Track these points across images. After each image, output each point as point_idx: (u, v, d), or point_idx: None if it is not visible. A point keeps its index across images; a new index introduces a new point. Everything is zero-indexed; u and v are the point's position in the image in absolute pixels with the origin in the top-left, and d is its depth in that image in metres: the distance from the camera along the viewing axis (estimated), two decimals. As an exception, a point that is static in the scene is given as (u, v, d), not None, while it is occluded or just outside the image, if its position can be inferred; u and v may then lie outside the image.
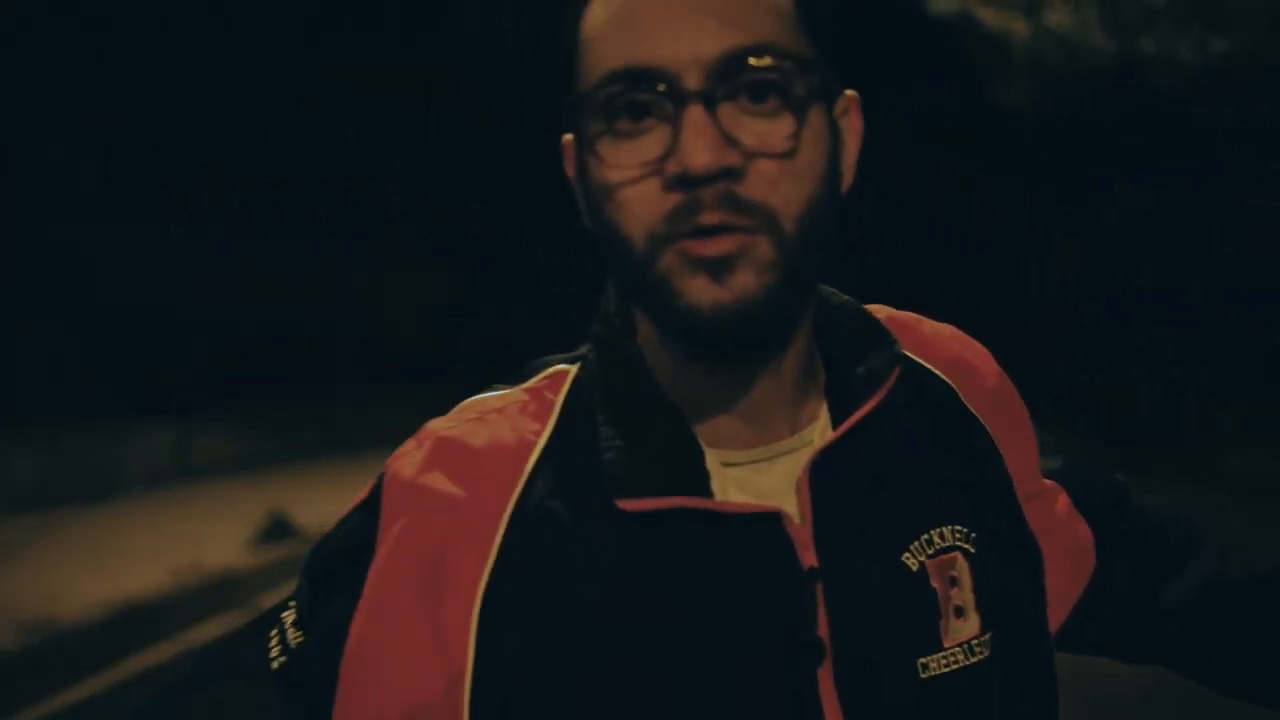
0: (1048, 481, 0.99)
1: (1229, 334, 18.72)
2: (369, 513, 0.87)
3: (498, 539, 0.82)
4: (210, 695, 0.97)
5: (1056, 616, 0.97)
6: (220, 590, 7.48)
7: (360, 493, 0.91)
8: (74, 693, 5.62)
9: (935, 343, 0.96)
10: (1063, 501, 0.99)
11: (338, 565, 0.87)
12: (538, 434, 0.86)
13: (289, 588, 1.05)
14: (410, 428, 0.95)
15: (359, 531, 0.87)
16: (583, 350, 0.91)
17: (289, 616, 0.90)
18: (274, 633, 0.90)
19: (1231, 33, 9.52)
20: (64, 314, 14.95)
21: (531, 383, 0.92)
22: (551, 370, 0.92)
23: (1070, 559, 0.98)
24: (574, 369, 0.91)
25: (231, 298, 17.56)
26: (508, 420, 0.88)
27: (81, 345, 14.79)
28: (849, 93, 0.85)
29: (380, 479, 0.88)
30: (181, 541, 8.41)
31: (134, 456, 12.61)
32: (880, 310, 0.97)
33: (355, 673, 0.83)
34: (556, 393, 0.89)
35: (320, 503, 10.16)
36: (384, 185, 22.62)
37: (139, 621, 6.69)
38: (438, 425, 0.90)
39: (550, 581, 0.81)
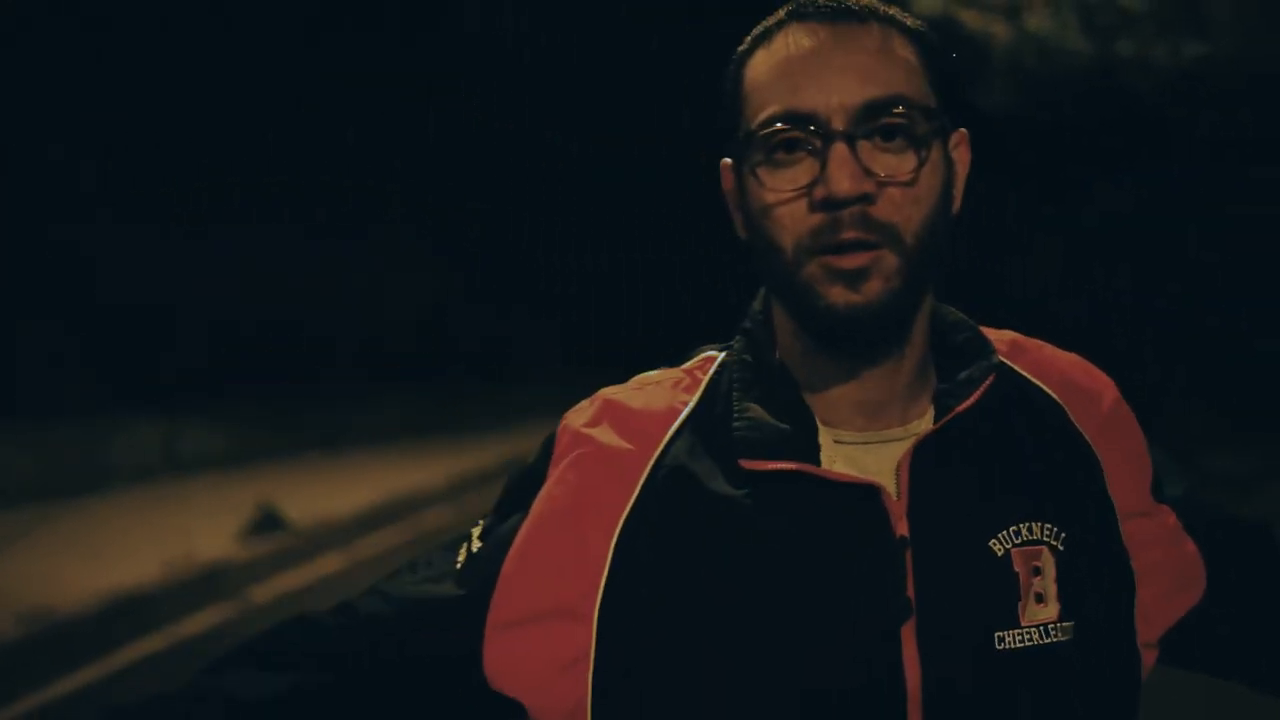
0: (1160, 504, 1.08)
1: (1206, 336, 18.92)
2: (545, 453, 1.05)
3: (640, 482, 1.00)
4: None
5: (1157, 627, 1.06)
6: (211, 582, 7.62)
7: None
8: (71, 681, 5.79)
9: (1052, 366, 1.09)
10: (1171, 521, 1.07)
11: (515, 491, 1.06)
12: (685, 403, 1.04)
13: (280, 580, 1.20)
14: (400, 425, 1.12)
15: (535, 467, 1.05)
16: (733, 342, 1.08)
17: (475, 531, 1.07)
18: (463, 545, 1.07)
19: (1207, 38, 9.69)
20: (61, 312, 15.04)
21: (688, 364, 1.09)
22: (704, 355, 1.09)
23: (1172, 575, 1.06)
24: (722, 355, 1.08)
25: (224, 296, 17.59)
26: (663, 390, 1.06)
27: (78, 342, 14.91)
28: (961, 130, 1.02)
29: (557, 428, 1.06)
30: (173, 534, 8.55)
31: (126, 451, 12.73)
32: (1005, 334, 1.11)
33: (514, 572, 1.01)
34: (705, 372, 1.07)
35: (309, 498, 10.35)
36: (383, 185, 22.63)
37: (133, 612, 6.85)
38: (608, 390, 1.07)
39: (677, 522, 0.98)
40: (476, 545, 1.05)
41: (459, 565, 1.05)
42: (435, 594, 1.04)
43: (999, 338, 1.10)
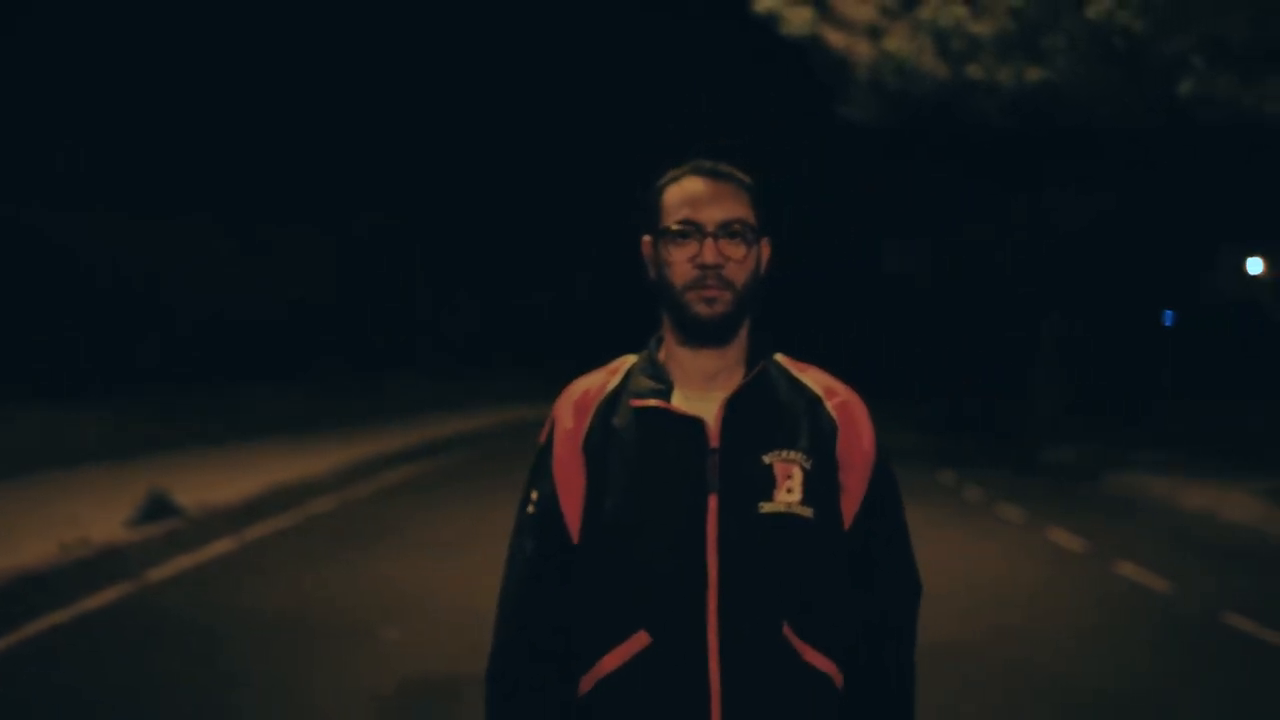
0: (867, 452, 1.88)
1: (1044, 345, 20.25)
2: (549, 422, 1.91)
3: (590, 416, 1.86)
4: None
5: (849, 520, 1.87)
6: (109, 563, 7.85)
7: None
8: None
9: (818, 377, 1.93)
10: (869, 462, 1.88)
11: (540, 450, 1.91)
12: (613, 376, 1.91)
13: (174, 561, 1.73)
14: (282, 418, 1.68)
15: (545, 429, 1.91)
16: (644, 351, 1.93)
17: (532, 495, 1.90)
18: (524, 505, 1.90)
19: (1045, 64, 10.56)
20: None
21: (614, 363, 1.95)
22: (624, 357, 1.96)
23: (859, 494, 1.88)
24: (634, 357, 1.94)
25: (116, 288, 17.48)
26: (602, 374, 1.93)
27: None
28: (765, 237, 1.86)
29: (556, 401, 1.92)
30: (67, 520, 8.72)
31: (11, 441, 12.72)
32: (803, 365, 1.95)
33: (559, 478, 1.86)
34: (624, 365, 1.93)
35: (198, 487, 10.58)
36: (276, 185, 22.53)
37: (36, 590, 7.08)
38: (579, 378, 1.94)
39: (607, 432, 1.84)
40: (534, 496, 1.89)
41: (530, 510, 1.89)
42: (534, 529, 1.89)
43: (797, 364, 1.95)
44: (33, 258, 15.82)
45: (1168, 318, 22.71)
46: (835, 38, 12.17)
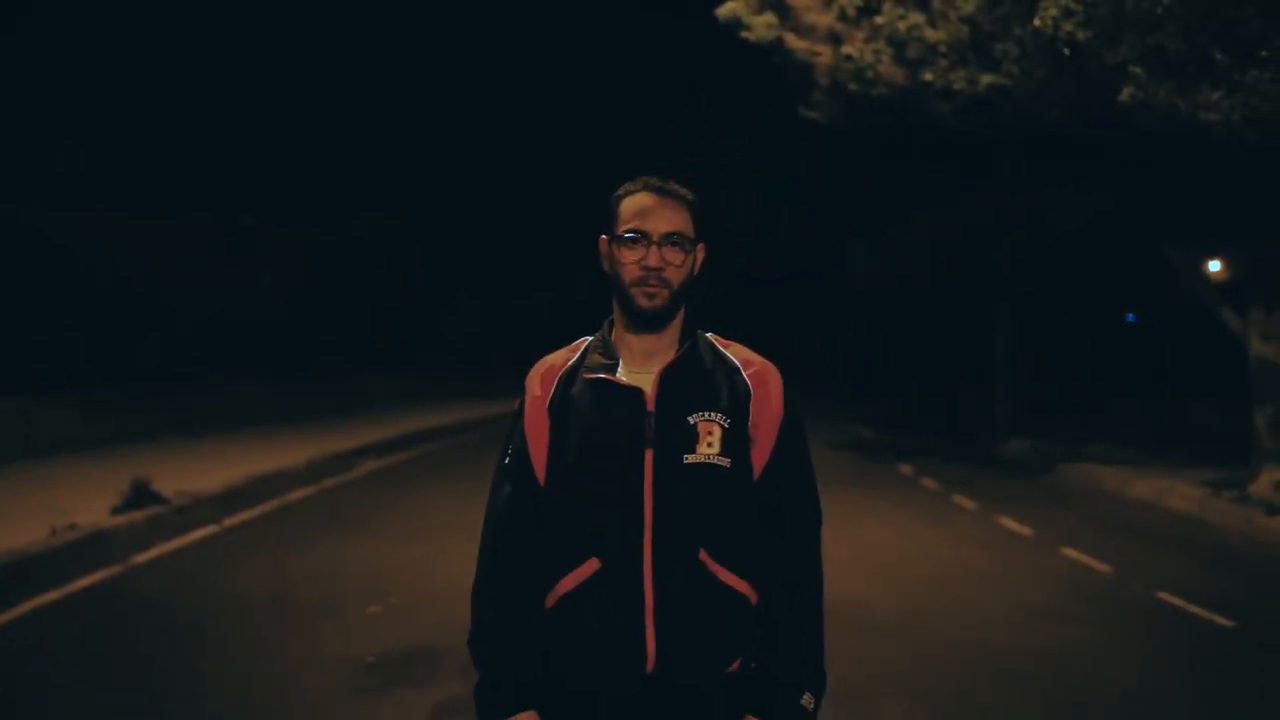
0: (778, 413, 2.34)
1: (1000, 344, 20.76)
2: (522, 394, 2.36)
3: (554, 385, 2.32)
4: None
5: (759, 470, 2.31)
6: (95, 546, 8.13)
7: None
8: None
9: (740, 352, 2.39)
10: (776, 421, 2.34)
11: (515, 413, 2.37)
12: (573, 353, 2.38)
13: (160, 547, 2.14)
14: (255, 413, 2.05)
15: (521, 392, 2.37)
16: (596, 334, 2.39)
17: (507, 450, 2.36)
18: (504, 456, 2.36)
19: (997, 70, 10.98)
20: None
21: (576, 343, 2.41)
22: (584, 338, 2.40)
23: (768, 448, 2.33)
24: (590, 338, 2.39)
25: (116, 288, 17.59)
26: (564, 353, 2.39)
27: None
28: (701, 244, 2.31)
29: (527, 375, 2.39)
30: (53, 507, 8.98)
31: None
32: (731, 343, 2.41)
33: (529, 435, 2.33)
34: (583, 344, 2.39)
35: (178, 477, 10.85)
36: (246, 184, 22.57)
37: (27, 570, 7.36)
38: (548, 355, 2.40)
39: (567, 399, 2.30)
40: (509, 450, 2.36)
41: (507, 461, 2.36)
42: (511, 475, 2.37)
43: (723, 341, 2.42)
44: (33, 258, 15.96)
45: (1130, 318, 23.28)
46: (797, 43, 12.57)
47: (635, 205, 2.27)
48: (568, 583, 2.24)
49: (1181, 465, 13.68)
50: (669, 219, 2.25)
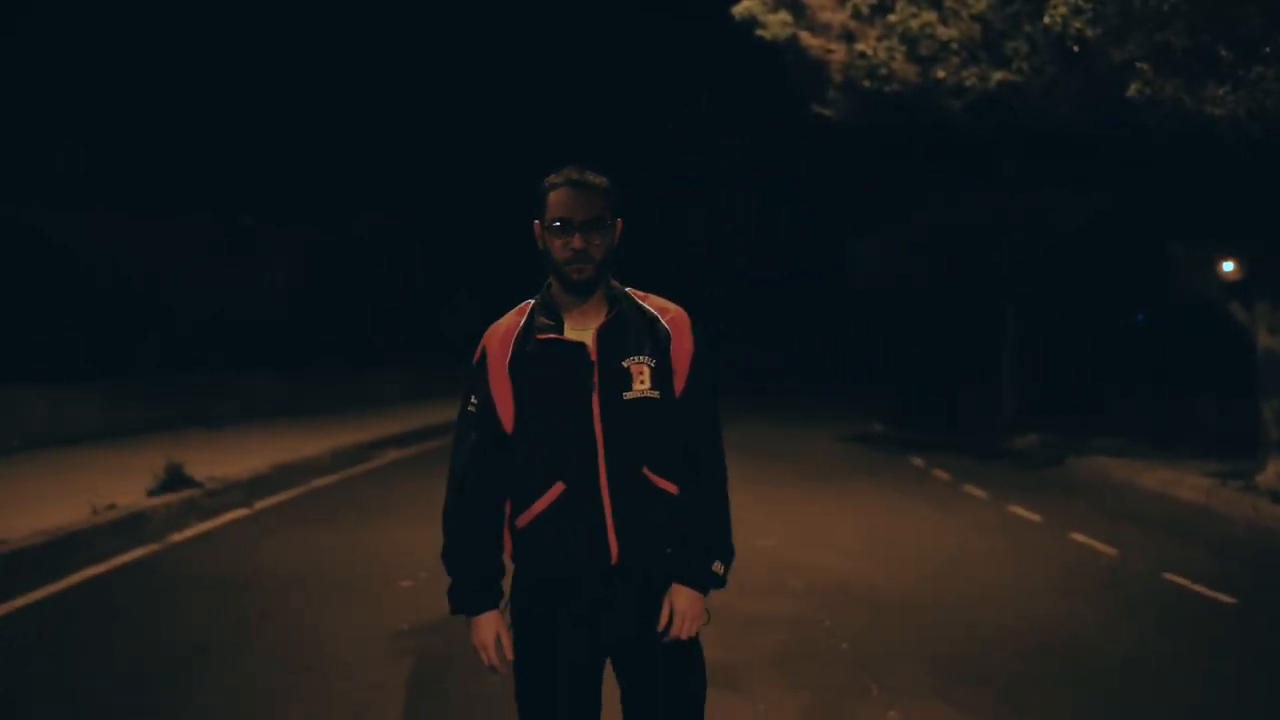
0: (689, 351, 2.89)
1: (1009, 346, 20.99)
2: (479, 351, 2.86)
3: (511, 346, 2.83)
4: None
5: (679, 393, 2.87)
6: (134, 525, 8.45)
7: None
8: (28, 597, 6.64)
9: (659, 305, 2.92)
10: (689, 355, 2.88)
11: (474, 370, 2.87)
12: (521, 316, 2.89)
13: (194, 527, 2.71)
14: (270, 406, 2.34)
15: (479, 353, 2.87)
16: (538, 296, 2.90)
17: (471, 397, 2.86)
18: (466, 405, 2.86)
19: (1008, 68, 11.22)
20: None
21: (519, 306, 2.92)
22: (526, 301, 2.92)
23: (685, 377, 2.88)
24: (533, 300, 2.90)
25: (116, 288, 17.85)
26: (511, 315, 2.90)
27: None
28: (619, 219, 2.84)
29: (482, 341, 2.88)
30: (93, 490, 9.31)
31: (22, 422, 13.24)
32: (648, 294, 2.96)
33: (494, 390, 2.83)
34: (526, 307, 2.90)
35: (208, 464, 11.19)
36: (263, 185, 22.81)
37: (73, 546, 7.67)
38: (499, 319, 2.90)
39: (522, 355, 2.81)
40: (471, 402, 2.84)
41: (470, 409, 2.85)
42: (475, 422, 2.87)
43: (641, 294, 2.93)
44: (32, 257, 16.22)
45: (1140, 317, 23.44)
46: (811, 41, 12.82)
47: (559, 197, 2.75)
48: (539, 505, 2.77)
49: (1189, 459, 13.90)
50: (588, 207, 2.74)
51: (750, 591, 6.93)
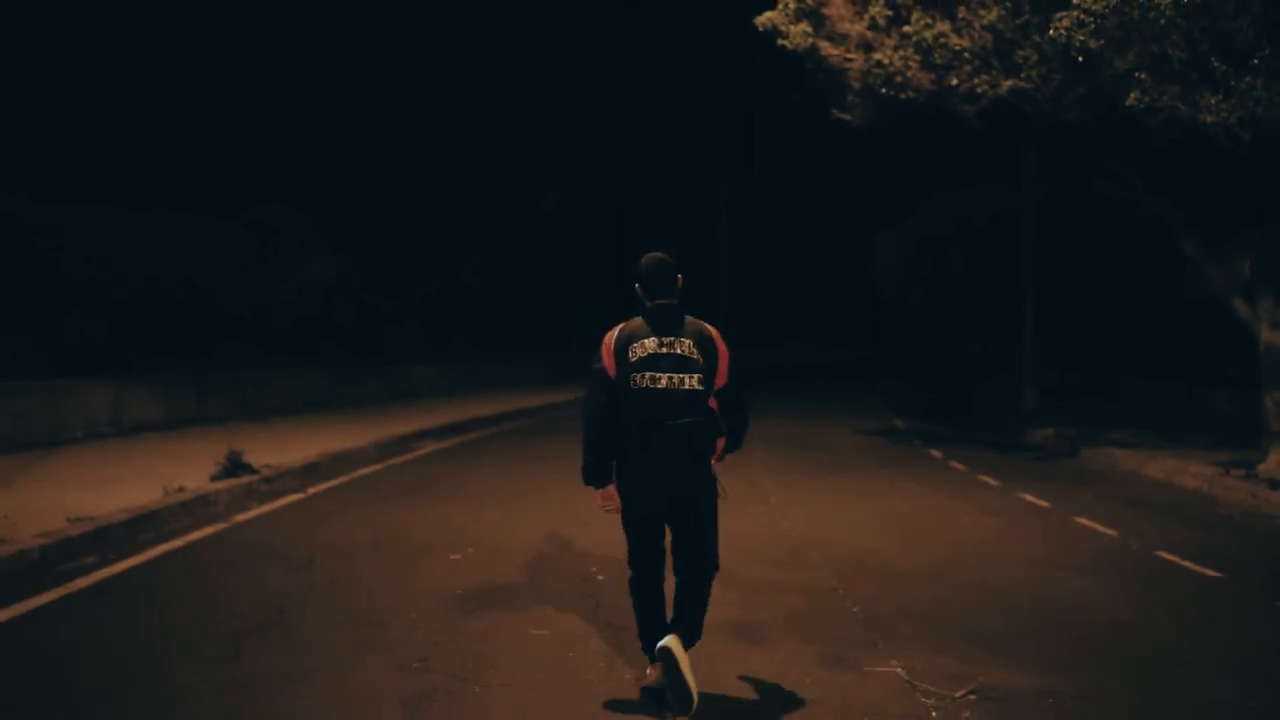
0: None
1: (1029, 344, 21.48)
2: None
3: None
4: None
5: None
6: (202, 506, 9.15)
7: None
8: (115, 568, 7.34)
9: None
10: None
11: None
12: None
13: (256, 509, 6.85)
14: (306, 400, 3.02)
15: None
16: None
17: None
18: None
19: (1018, 75, 11.78)
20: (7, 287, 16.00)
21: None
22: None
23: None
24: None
25: (115, 286, 18.15)
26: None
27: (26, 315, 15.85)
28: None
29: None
30: (161, 474, 10.01)
31: (85, 413, 13.99)
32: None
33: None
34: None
35: (263, 453, 11.90)
36: (304, 183, 23.38)
37: (150, 523, 8.38)
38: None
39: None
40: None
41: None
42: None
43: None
44: (33, 257, 16.77)
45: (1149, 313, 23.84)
46: (831, 51, 13.43)
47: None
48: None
49: (1197, 449, 14.41)
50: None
51: (772, 563, 7.57)
